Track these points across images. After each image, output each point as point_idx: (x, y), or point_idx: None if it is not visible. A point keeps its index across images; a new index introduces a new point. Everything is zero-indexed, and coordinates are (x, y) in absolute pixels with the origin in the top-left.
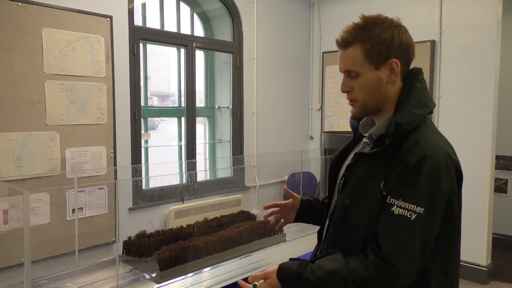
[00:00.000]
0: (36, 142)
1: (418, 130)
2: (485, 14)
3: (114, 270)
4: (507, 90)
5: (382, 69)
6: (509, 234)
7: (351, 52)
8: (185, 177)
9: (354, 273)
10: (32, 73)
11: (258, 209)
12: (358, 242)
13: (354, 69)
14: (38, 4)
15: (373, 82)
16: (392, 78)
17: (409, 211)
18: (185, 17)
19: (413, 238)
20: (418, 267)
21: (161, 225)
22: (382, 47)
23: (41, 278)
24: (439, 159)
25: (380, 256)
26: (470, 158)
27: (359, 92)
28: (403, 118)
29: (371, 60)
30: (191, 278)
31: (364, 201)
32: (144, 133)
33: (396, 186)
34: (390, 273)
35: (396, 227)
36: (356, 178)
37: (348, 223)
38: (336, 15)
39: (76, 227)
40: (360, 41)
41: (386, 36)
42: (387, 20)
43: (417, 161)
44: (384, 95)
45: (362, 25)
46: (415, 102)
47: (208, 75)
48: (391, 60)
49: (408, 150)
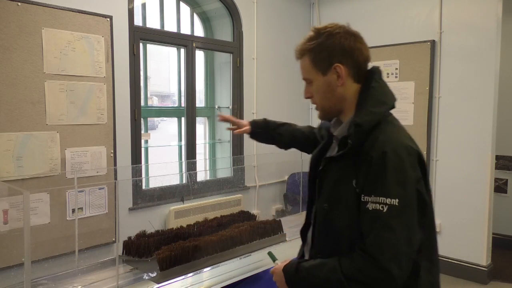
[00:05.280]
0: (36, 142)
1: (379, 127)
2: (485, 14)
3: (114, 270)
4: (507, 90)
5: (329, 74)
6: (509, 234)
7: (303, 62)
8: (185, 177)
9: (345, 267)
10: (32, 73)
11: (258, 209)
12: (345, 245)
13: (307, 76)
14: (38, 4)
15: (323, 86)
16: (340, 81)
17: (381, 204)
18: (185, 17)
19: (392, 229)
20: (406, 255)
21: (161, 225)
22: (324, 54)
23: (41, 278)
24: (399, 151)
25: (366, 251)
26: (470, 158)
27: (316, 96)
28: (361, 118)
29: (317, 67)
30: (191, 278)
31: (342, 203)
32: (144, 133)
33: (366, 183)
34: (377, 268)
35: (372, 221)
36: (330, 182)
37: (331, 227)
38: (336, 15)
39: (76, 227)
40: (307, 51)
41: (328, 44)
42: (333, 28)
43: (379, 156)
44: (339, 97)
45: (310, 36)
46: (373, 101)
47: (208, 75)
48: (335, 65)
49: (370, 148)
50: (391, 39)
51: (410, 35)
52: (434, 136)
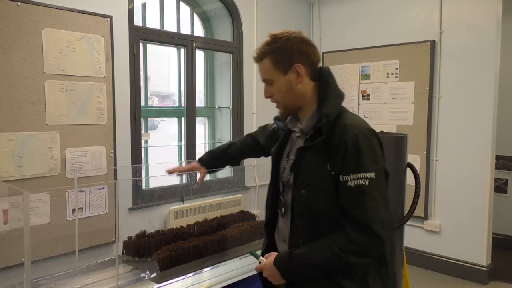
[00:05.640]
0: (36, 142)
1: (341, 116)
2: (485, 14)
3: (114, 270)
4: (507, 90)
5: (290, 73)
6: (509, 234)
7: (263, 64)
8: (185, 177)
9: (338, 242)
10: (32, 73)
11: (258, 209)
12: (325, 225)
13: (269, 77)
14: (38, 4)
15: (285, 85)
16: (300, 79)
17: (363, 179)
18: (185, 17)
19: (375, 198)
20: (387, 219)
21: (161, 225)
22: (284, 55)
23: (41, 278)
24: (367, 133)
25: (356, 223)
26: (470, 158)
27: (278, 95)
28: (329, 109)
29: (279, 68)
30: (191, 278)
31: (318, 186)
32: (144, 133)
33: (343, 164)
34: (369, 234)
35: (358, 196)
36: (305, 169)
37: (311, 210)
38: (336, 15)
39: (76, 227)
40: (268, 54)
41: (287, 47)
42: (289, 33)
43: (353, 140)
44: (299, 94)
45: (268, 41)
46: (334, 94)
47: (208, 75)
48: (295, 65)
49: (341, 133)
50: (391, 39)
51: (410, 35)
52: (434, 136)
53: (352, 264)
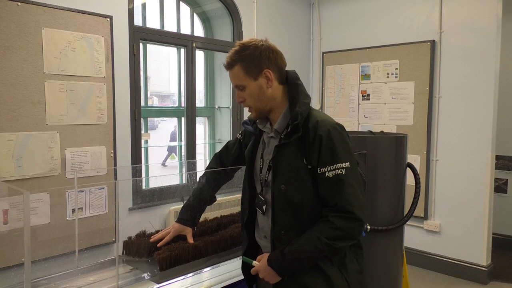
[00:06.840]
0: (36, 142)
1: (311, 114)
2: (485, 14)
3: (114, 270)
4: (507, 90)
5: (260, 79)
6: (509, 234)
7: (234, 71)
8: (185, 177)
9: (324, 232)
10: (32, 73)
11: None
12: (306, 216)
13: (240, 83)
14: (38, 4)
15: (256, 90)
16: (269, 83)
17: (340, 169)
18: (185, 17)
19: (352, 185)
20: (363, 203)
21: (161, 225)
22: (254, 62)
23: (41, 278)
24: (337, 128)
25: (338, 210)
26: (470, 158)
27: (250, 100)
28: (301, 108)
29: (249, 74)
30: (191, 278)
31: (296, 180)
32: (144, 133)
33: (320, 157)
34: (351, 219)
35: (336, 185)
36: (283, 165)
37: (291, 203)
38: (336, 15)
39: (76, 227)
40: (238, 61)
41: (256, 54)
42: (256, 42)
43: (326, 134)
44: (269, 98)
45: (238, 50)
46: (303, 95)
47: (208, 75)
48: (265, 70)
49: (315, 129)
50: (391, 39)
51: (410, 35)
52: (434, 136)
53: (340, 249)
